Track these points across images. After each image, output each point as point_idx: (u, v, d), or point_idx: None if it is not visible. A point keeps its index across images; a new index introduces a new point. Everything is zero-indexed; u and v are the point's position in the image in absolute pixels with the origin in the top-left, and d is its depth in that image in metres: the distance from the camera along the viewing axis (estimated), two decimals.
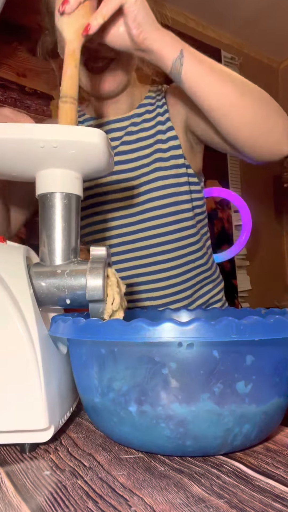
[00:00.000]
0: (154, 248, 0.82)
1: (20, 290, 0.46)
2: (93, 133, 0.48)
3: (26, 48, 1.70)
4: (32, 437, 0.43)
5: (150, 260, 0.83)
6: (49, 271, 0.50)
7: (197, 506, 0.32)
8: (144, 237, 0.83)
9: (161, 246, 0.82)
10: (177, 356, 0.37)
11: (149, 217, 0.82)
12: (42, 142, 0.47)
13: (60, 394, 0.47)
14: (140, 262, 0.83)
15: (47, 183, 0.51)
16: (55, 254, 0.51)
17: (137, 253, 0.83)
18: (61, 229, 0.51)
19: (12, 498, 0.35)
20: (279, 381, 0.40)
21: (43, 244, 0.51)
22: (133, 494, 0.35)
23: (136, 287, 0.84)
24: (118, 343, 0.39)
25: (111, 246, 0.85)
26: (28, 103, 1.70)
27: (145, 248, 0.83)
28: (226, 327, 0.35)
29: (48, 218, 0.51)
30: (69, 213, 0.51)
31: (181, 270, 0.84)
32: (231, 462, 0.41)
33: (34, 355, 0.43)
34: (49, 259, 0.51)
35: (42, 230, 0.52)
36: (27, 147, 0.48)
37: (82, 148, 0.48)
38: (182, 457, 0.42)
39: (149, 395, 0.38)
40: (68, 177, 0.51)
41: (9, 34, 1.66)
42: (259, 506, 0.32)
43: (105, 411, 0.41)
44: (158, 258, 0.83)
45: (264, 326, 0.36)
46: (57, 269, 0.50)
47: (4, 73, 1.65)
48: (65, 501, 0.34)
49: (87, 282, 0.48)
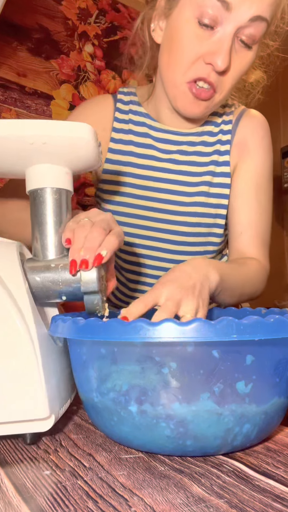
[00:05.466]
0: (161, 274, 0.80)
1: (16, 284, 0.46)
2: (82, 128, 0.48)
3: (26, 48, 1.70)
4: (34, 427, 0.44)
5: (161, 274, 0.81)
6: (43, 266, 0.50)
7: (197, 506, 0.32)
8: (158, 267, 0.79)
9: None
10: (177, 356, 0.37)
11: (170, 250, 0.78)
12: (31, 138, 0.47)
13: (59, 385, 0.47)
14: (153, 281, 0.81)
15: (37, 178, 0.51)
16: (48, 249, 0.51)
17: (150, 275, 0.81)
18: (53, 224, 0.51)
19: (12, 498, 0.35)
20: (279, 381, 0.40)
21: (36, 239, 0.52)
22: (133, 494, 0.35)
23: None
24: (118, 343, 0.39)
25: (122, 259, 0.81)
26: (28, 103, 1.70)
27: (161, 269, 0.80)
28: (226, 327, 0.35)
29: (39, 214, 0.51)
30: (60, 208, 0.51)
31: None
32: (231, 462, 0.41)
33: (33, 347, 0.44)
34: (42, 254, 0.51)
35: (34, 225, 0.52)
36: (17, 144, 0.48)
37: (72, 143, 0.48)
38: (182, 457, 0.42)
39: (149, 395, 0.38)
40: (58, 172, 0.51)
41: (9, 34, 1.66)
42: (259, 506, 0.32)
43: (105, 411, 0.41)
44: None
45: (264, 326, 0.36)
46: (51, 263, 0.50)
47: (4, 73, 1.64)
48: (65, 501, 0.34)
49: (81, 275, 0.48)
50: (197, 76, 0.65)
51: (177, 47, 0.65)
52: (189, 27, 0.64)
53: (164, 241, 0.78)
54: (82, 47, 1.87)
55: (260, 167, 0.78)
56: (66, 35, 1.82)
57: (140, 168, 0.79)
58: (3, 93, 1.64)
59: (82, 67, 1.87)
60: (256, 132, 0.79)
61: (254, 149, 0.78)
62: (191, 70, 0.65)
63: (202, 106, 0.69)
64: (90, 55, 1.90)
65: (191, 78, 0.66)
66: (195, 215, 0.76)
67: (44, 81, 1.75)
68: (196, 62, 0.65)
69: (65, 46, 1.82)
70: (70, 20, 1.84)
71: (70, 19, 1.84)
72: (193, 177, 0.77)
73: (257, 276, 0.72)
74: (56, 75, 1.79)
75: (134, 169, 0.79)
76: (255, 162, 0.78)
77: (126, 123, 0.81)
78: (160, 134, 0.78)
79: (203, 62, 0.64)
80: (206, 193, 0.76)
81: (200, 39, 0.64)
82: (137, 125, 0.80)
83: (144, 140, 0.79)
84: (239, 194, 0.77)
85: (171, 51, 0.67)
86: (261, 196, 0.78)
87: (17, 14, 1.68)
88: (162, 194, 0.77)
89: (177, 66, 0.66)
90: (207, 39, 0.63)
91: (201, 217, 0.76)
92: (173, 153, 0.78)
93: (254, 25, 0.63)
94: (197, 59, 0.65)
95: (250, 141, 0.78)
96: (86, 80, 1.88)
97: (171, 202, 0.77)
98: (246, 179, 0.77)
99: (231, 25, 0.62)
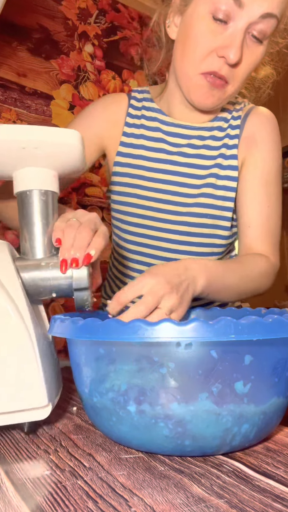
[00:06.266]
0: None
1: (11, 282, 0.48)
2: (72, 135, 0.51)
3: (26, 48, 1.70)
4: (33, 415, 0.46)
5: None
6: (33, 264, 0.52)
7: (197, 506, 0.32)
8: (165, 257, 0.80)
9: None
10: (175, 356, 0.37)
11: (177, 240, 0.79)
12: (24, 143, 0.49)
13: (52, 376, 0.50)
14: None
15: (26, 181, 0.53)
16: (37, 248, 0.53)
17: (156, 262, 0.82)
18: (41, 224, 0.53)
19: (12, 498, 0.35)
20: (278, 381, 0.40)
21: (25, 239, 0.54)
22: (133, 494, 0.35)
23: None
24: (116, 342, 0.39)
25: (132, 251, 0.83)
26: (28, 103, 1.70)
27: (169, 260, 0.80)
28: (224, 327, 0.35)
29: (28, 215, 0.53)
30: (47, 209, 0.54)
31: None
32: (231, 462, 0.41)
33: (30, 340, 0.46)
34: (32, 253, 0.53)
35: (22, 226, 0.54)
36: (9, 147, 0.50)
37: (62, 148, 0.52)
38: (182, 457, 0.42)
39: (148, 395, 0.38)
40: (45, 175, 0.54)
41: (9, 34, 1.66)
42: (259, 506, 0.32)
43: (104, 411, 0.41)
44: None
45: (263, 326, 0.36)
46: (42, 262, 0.53)
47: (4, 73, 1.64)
48: (65, 501, 0.34)
49: (73, 273, 0.51)
50: (209, 70, 0.68)
51: (192, 41, 0.69)
52: (203, 22, 0.67)
53: (172, 232, 0.79)
54: (82, 47, 1.87)
55: (269, 162, 0.79)
56: (66, 35, 1.82)
57: (150, 161, 0.81)
58: (3, 93, 1.64)
59: (82, 67, 1.87)
60: (264, 127, 0.80)
61: (262, 144, 0.79)
62: (204, 63, 0.68)
63: (215, 97, 0.72)
64: (90, 55, 1.90)
65: (204, 71, 0.69)
66: (202, 206, 0.77)
67: (44, 81, 1.75)
68: (209, 55, 0.68)
69: (65, 46, 1.82)
70: (70, 20, 1.84)
71: (70, 19, 1.84)
72: (201, 170, 0.79)
73: (261, 273, 0.73)
74: (56, 75, 1.79)
75: (145, 162, 0.81)
76: (263, 156, 0.79)
77: (139, 118, 0.84)
78: (171, 128, 0.81)
79: (216, 55, 0.68)
80: (213, 185, 0.78)
81: (214, 34, 0.67)
82: (149, 120, 0.83)
83: (155, 134, 0.82)
84: (247, 188, 0.78)
85: (186, 44, 0.70)
86: (270, 190, 0.78)
87: (17, 14, 1.68)
88: (170, 186, 0.79)
89: (191, 58, 0.69)
90: (220, 34, 0.67)
91: (208, 208, 0.77)
92: (183, 146, 0.80)
93: (264, 21, 0.66)
94: (210, 52, 0.68)
95: (258, 135, 0.79)
96: (86, 80, 1.88)
97: (179, 194, 0.79)
98: (254, 173, 0.78)
99: (243, 21, 0.65)
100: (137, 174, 0.81)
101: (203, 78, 0.69)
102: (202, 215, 0.77)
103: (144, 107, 0.84)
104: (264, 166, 0.78)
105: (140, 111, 0.84)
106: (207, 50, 0.68)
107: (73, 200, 1.81)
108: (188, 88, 0.72)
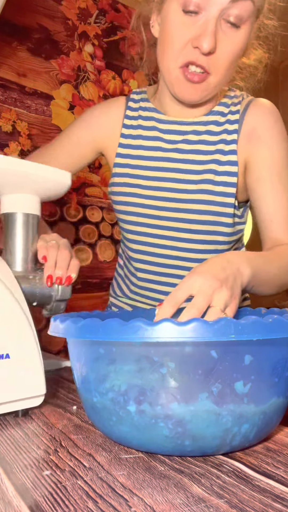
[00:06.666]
0: (177, 266, 0.80)
1: (13, 286, 0.56)
2: (66, 176, 0.65)
3: (26, 48, 1.70)
4: (28, 403, 0.53)
5: (171, 271, 0.81)
6: (21, 276, 0.61)
7: (197, 506, 0.32)
8: (168, 255, 0.80)
9: (182, 261, 0.80)
10: (175, 356, 0.37)
11: (178, 237, 0.79)
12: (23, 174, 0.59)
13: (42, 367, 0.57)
14: (162, 270, 0.82)
15: (13, 204, 0.63)
16: (20, 262, 0.63)
17: (159, 263, 0.82)
18: (24, 243, 0.63)
19: (12, 498, 0.35)
20: (278, 381, 0.40)
21: (9, 253, 0.63)
22: (133, 494, 0.35)
23: (157, 294, 0.84)
24: (116, 343, 0.39)
25: (136, 250, 0.83)
26: (28, 103, 1.70)
27: (167, 266, 0.81)
28: (224, 327, 0.35)
29: (13, 233, 0.63)
30: (29, 229, 0.64)
31: None
32: (231, 462, 0.41)
33: (33, 336, 0.54)
34: (14, 266, 0.63)
35: (7, 242, 0.63)
36: (7, 176, 0.59)
37: (54, 185, 0.64)
38: (182, 457, 0.42)
39: (148, 395, 0.38)
40: (31, 201, 0.63)
41: (9, 34, 1.66)
42: (259, 506, 0.32)
43: (104, 411, 0.41)
44: (179, 272, 0.81)
45: (263, 326, 0.36)
46: (29, 275, 0.62)
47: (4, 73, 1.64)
48: (65, 501, 0.34)
49: (58, 287, 0.63)
50: (187, 60, 0.69)
51: (168, 36, 0.70)
52: (176, 16, 0.68)
53: (171, 229, 0.79)
54: (82, 47, 1.87)
55: (277, 153, 0.78)
56: (66, 35, 1.82)
57: (148, 160, 0.81)
58: (3, 93, 1.64)
59: (82, 67, 1.87)
60: (266, 119, 0.78)
61: (266, 136, 0.78)
62: (181, 55, 0.69)
63: (198, 90, 0.71)
64: (90, 55, 1.90)
65: (182, 63, 0.69)
66: (201, 202, 0.77)
67: (44, 81, 1.75)
68: (185, 47, 0.69)
69: (65, 46, 1.82)
70: (70, 20, 1.84)
71: (70, 19, 1.84)
72: (198, 165, 0.78)
73: None
74: (56, 75, 1.79)
75: (143, 161, 0.82)
76: (270, 149, 0.77)
77: (136, 119, 0.85)
78: (166, 126, 0.81)
79: (191, 46, 0.68)
80: (212, 181, 0.77)
81: (186, 26, 0.68)
82: (145, 120, 0.84)
83: (151, 133, 0.82)
84: (261, 182, 0.77)
85: (164, 40, 0.71)
86: (285, 180, 0.77)
87: (17, 14, 1.68)
88: (168, 183, 0.79)
89: (170, 53, 0.70)
90: (193, 25, 0.67)
91: (207, 205, 0.77)
92: (178, 142, 0.80)
93: (237, 5, 0.66)
94: (185, 44, 0.68)
95: (260, 129, 0.78)
96: (86, 80, 1.88)
97: (176, 191, 0.78)
98: (265, 167, 0.77)
99: (214, 8, 0.65)
100: (136, 174, 0.81)
101: (182, 73, 0.70)
102: (202, 212, 0.77)
103: (141, 108, 0.85)
104: (273, 158, 0.77)
105: (137, 112, 0.85)
106: (182, 43, 0.68)
107: (73, 200, 1.81)
108: (172, 83, 0.73)
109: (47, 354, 1.04)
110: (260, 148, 0.77)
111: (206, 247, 0.79)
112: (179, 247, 0.80)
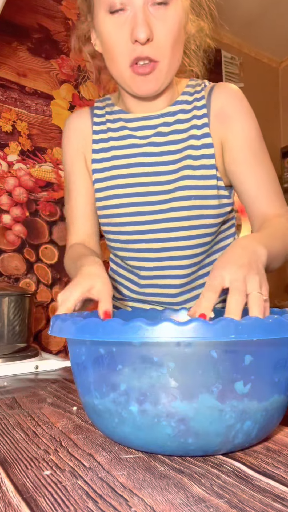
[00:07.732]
0: (171, 257, 0.81)
1: None
2: None
3: (26, 48, 1.70)
4: None
5: (167, 264, 0.81)
6: None
7: (197, 506, 0.32)
8: (161, 248, 0.81)
9: (177, 251, 0.80)
10: (175, 356, 0.37)
11: (168, 228, 0.79)
12: None
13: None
14: (159, 264, 0.82)
15: None
16: None
17: (154, 258, 0.82)
18: None
19: (12, 498, 0.35)
20: (278, 381, 0.40)
21: None
22: (133, 494, 0.35)
23: (152, 288, 0.84)
24: (116, 342, 0.39)
25: (126, 249, 0.83)
26: (28, 103, 1.70)
27: (162, 259, 0.81)
28: (224, 327, 0.35)
29: None
30: None
31: (196, 275, 0.83)
32: (231, 462, 0.41)
33: None
34: None
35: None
36: None
37: None
38: (182, 457, 0.42)
39: (149, 395, 0.38)
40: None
41: (9, 34, 1.66)
42: (259, 506, 0.32)
43: (106, 413, 0.41)
44: (173, 263, 0.81)
45: (263, 326, 0.36)
46: None
47: (4, 73, 1.65)
48: (65, 501, 0.34)
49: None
50: (133, 58, 0.70)
51: (107, 43, 0.71)
52: (106, 21, 0.70)
53: (160, 221, 0.80)
54: None
55: (248, 129, 0.79)
56: (66, 35, 1.82)
57: (123, 158, 0.82)
58: (3, 93, 1.64)
59: (82, 67, 1.87)
60: (232, 98, 0.80)
61: (235, 114, 0.79)
62: (126, 55, 0.70)
63: (153, 80, 0.73)
64: None
65: (130, 62, 0.70)
66: (184, 188, 0.78)
67: (44, 81, 1.75)
68: (126, 46, 0.70)
69: (65, 46, 1.82)
70: (70, 20, 1.84)
71: (70, 19, 1.84)
72: (174, 155, 0.79)
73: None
74: (56, 75, 1.79)
75: (118, 161, 0.83)
76: (241, 126, 0.79)
77: (104, 124, 0.86)
78: (135, 123, 0.82)
79: (130, 43, 0.69)
80: (191, 166, 0.78)
81: (119, 26, 0.69)
82: (113, 122, 0.85)
83: (122, 133, 0.84)
84: (238, 162, 0.78)
85: (106, 50, 0.73)
86: (260, 156, 0.79)
87: (17, 14, 1.68)
88: (148, 178, 0.80)
89: (115, 59, 0.72)
90: (125, 23, 0.69)
91: (190, 190, 0.78)
92: (151, 136, 0.81)
93: None
94: (125, 43, 0.70)
95: (228, 108, 0.79)
96: (86, 80, 1.88)
97: (158, 183, 0.80)
98: (239, 145, 0.78)
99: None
100: (114, 175, 0.82)
101: (132, 71, 0.71)
102: (186, 197, 0.78)
103: (107, 112, 0.87)
104: (245, 135, 0.78)
105: (104, 117, 0.87)
106: (122, 43, 0.69)
107: None
108: (127, 84, 0.74)
109: (47, 354, 1.04)
110: (231, 126, 0.79)
111: (194, 232, 0.81)
112: (170, 237, 0.81)
